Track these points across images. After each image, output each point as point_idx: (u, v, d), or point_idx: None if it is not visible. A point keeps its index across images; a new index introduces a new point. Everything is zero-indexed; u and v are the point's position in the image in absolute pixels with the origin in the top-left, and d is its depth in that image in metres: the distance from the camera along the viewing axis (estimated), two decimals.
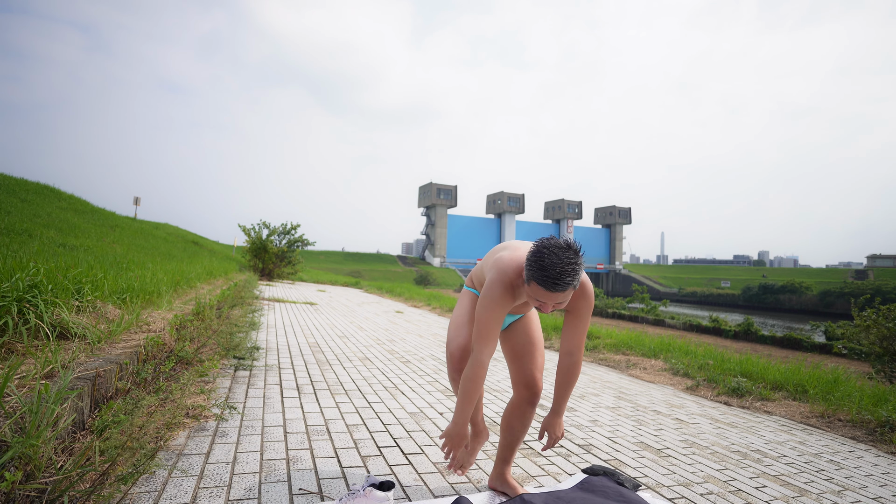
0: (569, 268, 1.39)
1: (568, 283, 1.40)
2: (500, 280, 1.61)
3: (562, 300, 1.43)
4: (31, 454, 1.36)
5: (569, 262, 1.40)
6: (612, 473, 2.08)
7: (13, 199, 9.42)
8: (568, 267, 1.39)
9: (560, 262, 1.40)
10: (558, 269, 1.39)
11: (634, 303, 30.75)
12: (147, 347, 2.75)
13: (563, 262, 1.39)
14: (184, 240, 19.96)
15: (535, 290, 1.44)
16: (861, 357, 11.47)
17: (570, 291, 1.43)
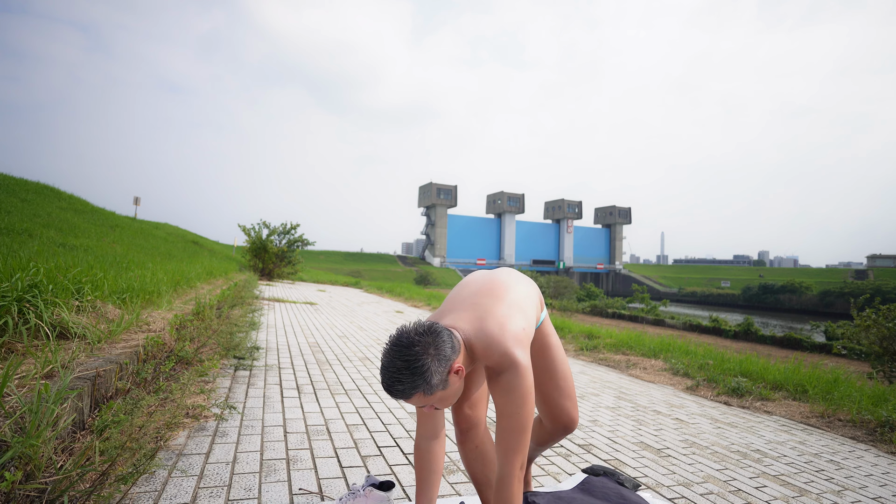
0: (395, 376, 1.13)
1: (399, 393, 1.14)
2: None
3: (421, 405, 1.20)
4: (31, 454, 1.36)
5: (395, 369, 1.13)
6: (612, 473, 2.08)
7: (13, 199, 9.42)
8: (394, 375, 1.14)
9: (386, 368, 1.15)
10: (385, 374, 1.15)
11: (634, 303, 30.76)
12: (147, 347, 2.75)
13: (388, 369, 1.14)
14: (184, 240, 19.96)
15: None
16: (861, 357, 11.47)
17: (420, 397, 1.16)
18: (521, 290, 1.44)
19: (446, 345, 1.18)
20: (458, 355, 1.21)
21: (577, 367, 4.91)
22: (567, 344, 6.25)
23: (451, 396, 1.23)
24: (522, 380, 1.19)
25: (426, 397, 1.17)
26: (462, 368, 1.21)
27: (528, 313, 1.38)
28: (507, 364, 1.20)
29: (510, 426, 1.20)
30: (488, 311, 1.30)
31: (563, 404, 1.60)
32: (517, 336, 1.25)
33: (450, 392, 1.21)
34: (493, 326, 1.25)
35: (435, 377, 1.14)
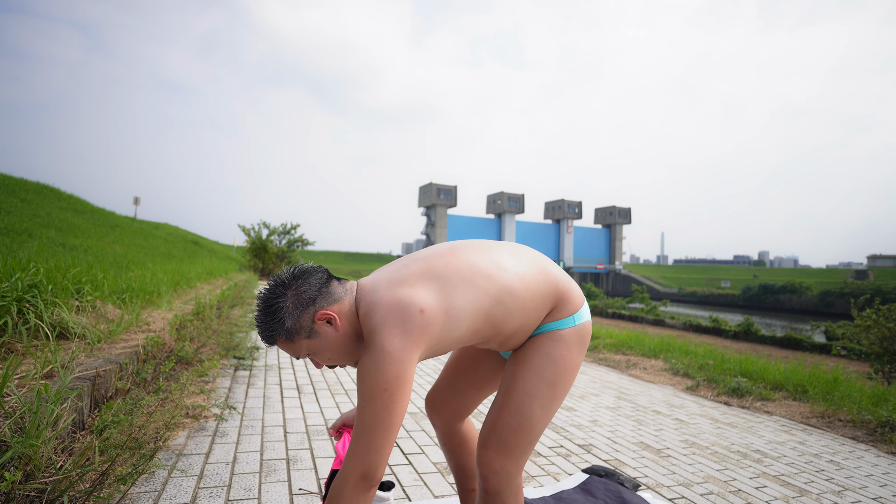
0: (257, 317, 1.06)
1: (263, 335, 1.05)
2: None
3: (286, 352, 1.09)
4: (30, 454, 1.36)
5: (257, 311, 1.06)
6: (612, 473, 2.08)
7: (13, 199, 9.42)
8: (257, 317, 1.07)
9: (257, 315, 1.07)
10: (257, 315, 1.07)
11: (634, 303, 30.76)
12: (147, 347, 2.75)
13: (261, 306, 1.06)
14: (184, 240, 19.96)
15: None
16: (861, 357, 11.47)
17: (284, 343, 1.06)
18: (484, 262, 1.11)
19: (311, 288, 1.05)
20: (332, 303, 1.05)
21: None
22: None
23: (331, 350, 1.07)
24: (377, 370, 0.95)
25: (291, 344, 1.05)
26: (337, 318, 1.04)
27: (462, 293, 1.05)
28: (370, 342, 1.00)
29: (357, 422, 0.98)
30: (406, 271, 1.08)
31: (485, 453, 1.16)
32: (404, 310, 0.99)
33: (325, 344, 1.05)
34: (383, 290, 1.04)
35: (288, 320, 1.02)
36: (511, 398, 1.15)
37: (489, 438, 1.16)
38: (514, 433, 1.13)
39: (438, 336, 1.02)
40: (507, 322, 1.11)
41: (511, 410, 1.14)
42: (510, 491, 1.15)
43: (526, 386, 1.14)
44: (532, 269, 1.15)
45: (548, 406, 1.15)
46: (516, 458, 1.14)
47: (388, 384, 0.95)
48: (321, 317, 1.04)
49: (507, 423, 1.14)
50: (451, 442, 1.42)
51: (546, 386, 1.14)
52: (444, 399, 1.40)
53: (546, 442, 2.60)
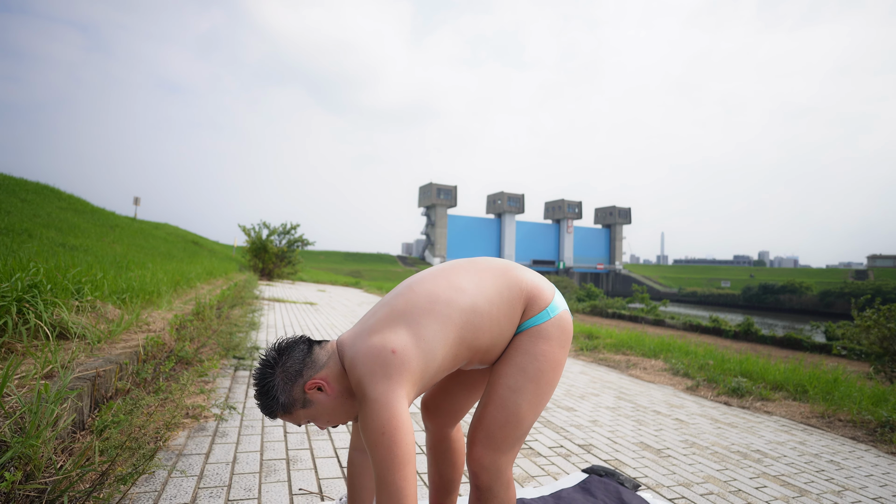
0: (256, 397, 1.10)
1: (264, 410, 1.09)
2: None
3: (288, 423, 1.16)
4: (30, 454, 1.36)
5: (255, 391, 1.10)
6: (612, 473, 2.08)
7: (13, 199, 9.42)
8: (255, 396, 1.10)
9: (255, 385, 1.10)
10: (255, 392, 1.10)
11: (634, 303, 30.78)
12: (147, 347, 2.75)
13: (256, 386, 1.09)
14: (184, 240, 19.96)
15: None
16: (861, 357, 11.48)
17: (285, 416, 1.10)
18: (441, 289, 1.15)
19: (296, 361, 1.09)
20: (318, 371, 1.10)
21: (577, 367, 4.91)
22: None
23: (328, 414, 1.11)
24: (370, 419, 0.99)
25: (290, 416, 1.10)
26: (326, 383, 1.09)
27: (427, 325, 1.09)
28: (359, 395, 1.05)
29: (374, 475, 1.01)
30: (374, 320, 1.14)
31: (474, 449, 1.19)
32: (378, 357, 1.03)
33: (321, 410, 1.10)
34: (359, 342, 1.09)
35: (282, 396, 1.07)
36: (496, 394, 1.18)
37: (477, 434, 1.18)
38: (501, 428, 1.15)
39: (419, 371, 1.06)
40: (480, 339, 1.14)
41: (497, 406, 1.17)
42: (501, 485, 1.18)
43: (509, 382, 1.17)
44: (494, 281, 1.19)
45: (533, 401, 1.17)
46: (505, 452, 1.17)
47: (384, 428, 0.98)
48: (311, 386, 1.09)
49: (493, 418, 1.16)
50: (439, 448, 1.42)
51: (529, 381, 1.16)
52: (438, 402, 1.41)
53: (546, 442, 2.60)
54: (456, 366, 1.17)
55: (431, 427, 1.42)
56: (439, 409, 1.40)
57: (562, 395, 3.66)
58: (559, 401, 3.49)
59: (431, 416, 1.41)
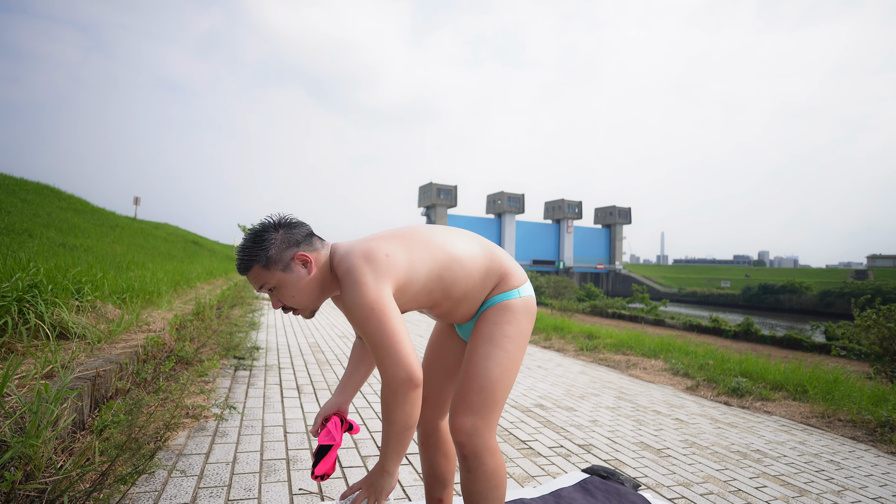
0: (240, 247, 1.19)
1: (241, 261, 1.16)
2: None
3: (257, 283, 1.18)
4: (30, 454, 1.36)
5: (243, 243, 1.19)
6: (612, 473, 2.08)
7: (13, 199, 9.42)
8: (240, 247, 1.19)
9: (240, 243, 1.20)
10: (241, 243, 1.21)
11: (634, 303, 30.76)
12: (147, 347, 2.75)
13: (251, 235, 1.19)
14: (184, 240, 19.96)
15: None
16: (861, 357, 11.48)
17: (255, 272, 1.16)
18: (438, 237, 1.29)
19: (299, 233, 1.20)
20: (311, 251, 1.20)
21: (577, 367, 4.91)
22: (567, 344, 6.25)
23: (297, 289, 1.18)
24: (359, 298, 1.08)
25: (265, 273, 1.15)
26: (311, 262, 1.18)
27: (420, 254, 1.22)
28: (345, 281, 1.13)
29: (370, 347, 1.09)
30: (372, 235, 1.27)
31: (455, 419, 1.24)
32: (372, 254, 1.14)
33: (294, 281, 1.17)
34: (355, 244, 1.21)
35: (272, 249, 1.15)
36: (470, 365, 1.27)
37: (457, 405, 1.25)
38: (476, 393, 1.23)
39: (403, 281, 1.17)
40: (456, 286, 1.27)
41: (471, 375, 1.25)
42: (487, 451, 1.22)
43: (480, 351, 1.26)
44: (478, 249, 1.33)
45: (503, 364, 1.25)
46: (484, 415, 1.23)
47: (373, 304, 1.08)
48: (300, 257, 1.18)
49: (469, 386, 1.24)
50: (429, 441, 1.45)
51: (497, 347, 1.25)
52: (423, 394, 1.44)
53: (546, 442, 2.60)
54: (428, 302, 1.28)
55: (421, 420, 1.45)
56: (425, 402, 1.44)
57: (562, 395, 3.66)
58: (559, 401, 3.50)
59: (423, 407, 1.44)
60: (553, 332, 6.89)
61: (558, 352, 5.89)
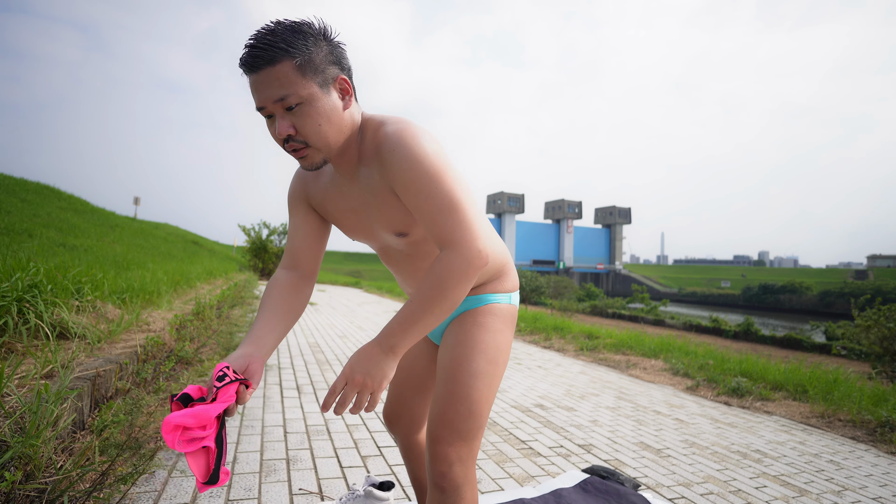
0: (268, 28, 0.85)
1: (264, 46, 0.83)
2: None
3: (275, 92, 0.84)
4: (30, 454, 1.36)
5: (271, 27, 0.86)
6: (612, 473, 2.08)
7: (13, 199, 9.42)
8: (267, 28, 0.85)
9: (262, 28, 0.86)
10: (255, 34, 0.85)
11: (634, 303, 30.76)
12: (147, 347, 2.75)
13: (266, 27, 0.86)
14: (184, 240, 19.97)
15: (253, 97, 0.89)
16: (861, 357, 11.48)
17: (285, 70, 0.84)
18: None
19: (345, 58, 0.93)
20: (350, 91, 0.94)
21: (577, 367, 4.91)
22: (567, 344, 6.25)
23: (325, 120, 0.89)
24: (424, 149, 0.89)
25: (296, 77, 0.85)
26: (351, 95, 0.94)
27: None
28: (404, 136, 0.90)
29: (435, 206, 0.88)
30: None
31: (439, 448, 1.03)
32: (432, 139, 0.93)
33: (327, 108, 0.89)
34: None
35: (313, 51, 0.86)
36: (457, 384, 1.05)
37: (441, 432, 1.03)
38: (465, 420, 1.03)
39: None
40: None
41: (460, 398, 1.04)
42: (468, 483, 1.03)
43: (470, 367, 1.06)
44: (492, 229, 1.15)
45: (491, 384, 1.08)
46: (470, 442, 1.04)
47: (443, 162, 0.90)
48: (343, 82, 0.92)
49: (456, 410, 1.03)
50: (411, 455, 1.40)
51: (488, 363, 1.08)
52: (398, 412, 1.36)
53: (546, 442, 2.60)
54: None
55: (399, 436, 1.39)
56: (400, 419, 1.36)
57: (562, 395, 3.66)
58: (559, 401, 3.50)
59: (395, 427, 1.38)
60: (553, 332, 6.89)
61: (558, 352, 5.89)
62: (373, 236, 1.11)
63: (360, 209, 1.06)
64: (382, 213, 1.02)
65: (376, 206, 1.01)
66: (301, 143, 0.90)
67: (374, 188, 0.99)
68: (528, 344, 6.34)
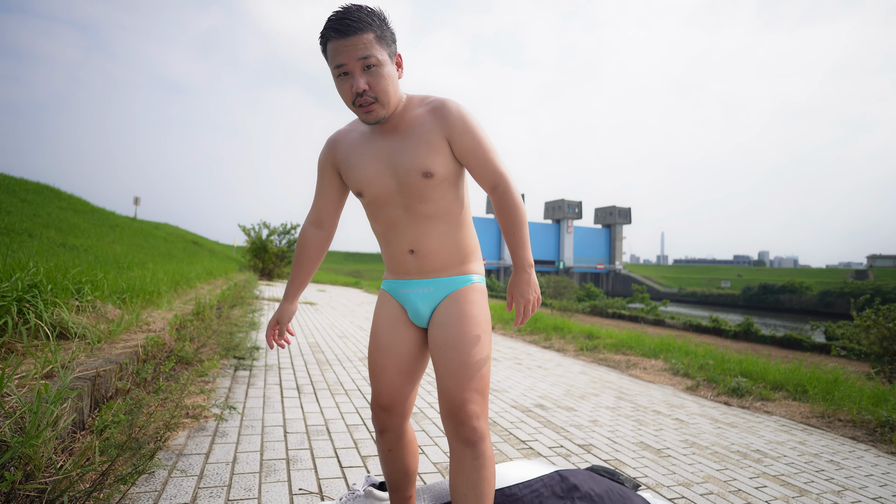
0: (358, 6, 1.13)
1: (354, 19, 1.10)
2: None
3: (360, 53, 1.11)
4: (30, 454, 1.36)
5: (355, 5, 1.14)
6: (612, 473, 2.08)
7: (13, 199, 9.42)
8: (358, 6, 1.13)
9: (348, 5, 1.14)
10: (341, 9, 1.13)
11: (634, 303, 30.76)
12: (147, 347, 2.75)
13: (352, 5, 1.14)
14: (184, 240, 19.96)
15: (330, 60, 1.15)
16: (861, 357, 11.48)
17: (368, 38, 1.12)
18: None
19: (396, 41, 1.23)
20: (402, 66, 1.26)
21: (577, 367, 4.91)
22: (567, 344, 6.25)
23: (391, 82, 1.19)
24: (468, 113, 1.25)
25: (376, 45, 1.13)
26: (402, 66, 1.25)
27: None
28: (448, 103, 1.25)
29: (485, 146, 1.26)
30: None
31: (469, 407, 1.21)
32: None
33: (392, 72, 1.19)
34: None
35: (387, 31, 1.17)
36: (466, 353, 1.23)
37: (465, 395, 1.20)
38: (480, 381, 1.23)
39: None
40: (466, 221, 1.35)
41: (471, 364, 1.23)
42: (487, 435, 1.22)
43: (470, 334, 1.26)
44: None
45: (489, 348, 1.29)
46: (486, 399, 1.25)
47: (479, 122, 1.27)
48: (398, 57, 1.24)
49: (472, 375, 1.22)
50: (399, 444, 1.39)
51: (484, 332, 1.29)
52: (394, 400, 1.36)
53: (546, 442, 2.60)
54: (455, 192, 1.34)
55: (393, 426, 1.38)
56: (396, 408, 1.36)
57: (562, 395, 3.66)
58: (559, 401, 3.50)
59: (391, 415, 1.37)
60: (553, 332, 6.89)
61: (558, 352, 5.89)
62: (391, 176, 1.27)
63: (388, 155, 1.27)
64: (419, 153, 1.24)
65: (414, 148, 1.24)
66: (371, 98, 1.16)
67: (423, 135, 1.24)
68: (528, 344, 6.34)
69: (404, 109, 1.27)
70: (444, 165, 1.25)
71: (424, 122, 1.25)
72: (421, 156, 1.24)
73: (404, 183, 1.26)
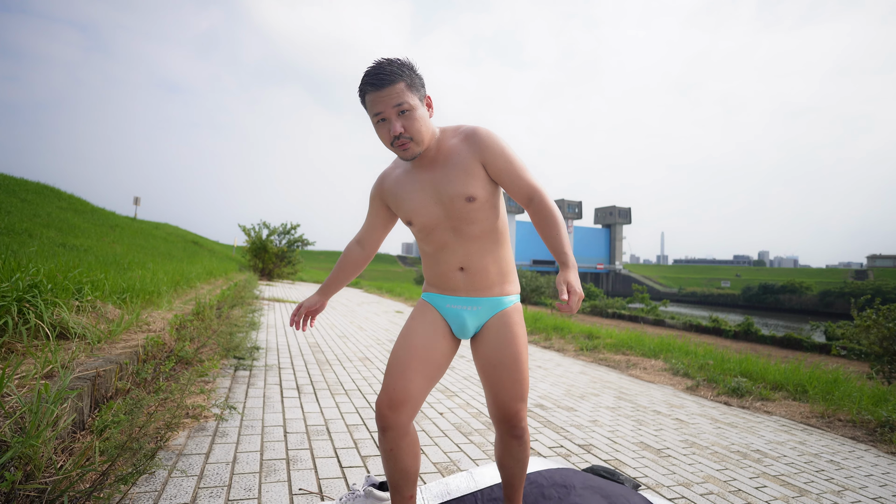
0: (386, 60, 1.28)
1: (387, 72, 1.25)
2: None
3: (394, 101, 1.26)
4: (31, 454, 1.36)
5: (386, 60, 1.28)
6: (612, 473, 2.08)
7: (13, 199, 9.42)
8: (384, 60, 1.28)
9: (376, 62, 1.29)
10: (374, 64, 1.28)
11: (634, 303, 30.76)
12: (147, 347, 2.75)
13: (378, 61, 1.29)
14: (184, 240, 19.96)
15: (369, 109, 1.30)
16: (861, 357, 11.48)
17: (400, 88, 1.26)
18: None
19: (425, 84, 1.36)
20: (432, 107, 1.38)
21: (577, 367, 4.91)
22: (567, 344, 6.25)
23: (424, 123, 1.32)
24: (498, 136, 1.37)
25: (408, 93, 1.27)
26: (432, 106, 1.37)
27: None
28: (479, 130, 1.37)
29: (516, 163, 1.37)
30: None
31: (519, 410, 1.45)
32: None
33: (424, 115, 1.32)
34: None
35: (415, 79, 1.30)
36: (517, 371, 1.43)
37: (515, 396, 1.42)
38: (525, 390, 1.45)
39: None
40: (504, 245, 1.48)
41: (520, 379, 1.43)
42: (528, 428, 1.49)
43: (522, 356, 1.45)
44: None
45: (528, 361, 1.49)
46: (527, 402, 1.46)
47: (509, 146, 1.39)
48: (428, 99, 1.36)
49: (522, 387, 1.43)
50: (401, 443, 1.39)
51: (525, 349, 1.47)
52: (407, 396, 1.37)
53: (546, 442, 2.60)
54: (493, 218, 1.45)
55: (400, 423, 1.37)
56: (406, 404, 1.37)
57: (562, 395, 3.66)
58: (559, 401, 3.50)
59: (401, 411, 1.37)
60: (553, 332, 6.89)
61: (558, 352, 5.89)
62: (437, 205, 1.40)
63: (431, 186, 1.39)
64: (460, 181, 1.36)
65: (455, 176, 1.36)
66: (407, 139, 1.30)
67: (460, 163, 1.36)
68: (528, 344, 6.34)
69: (439, 141, 1.40)
70: (483, 188, 1.38)
71: (460, 150, 1.37)
72: (462, 182, 1.36)
73: (450, 209, 1.39)
